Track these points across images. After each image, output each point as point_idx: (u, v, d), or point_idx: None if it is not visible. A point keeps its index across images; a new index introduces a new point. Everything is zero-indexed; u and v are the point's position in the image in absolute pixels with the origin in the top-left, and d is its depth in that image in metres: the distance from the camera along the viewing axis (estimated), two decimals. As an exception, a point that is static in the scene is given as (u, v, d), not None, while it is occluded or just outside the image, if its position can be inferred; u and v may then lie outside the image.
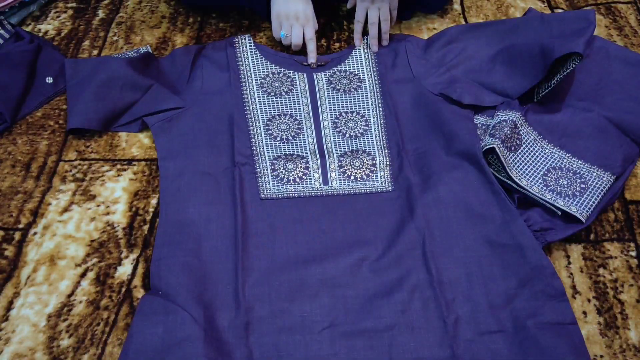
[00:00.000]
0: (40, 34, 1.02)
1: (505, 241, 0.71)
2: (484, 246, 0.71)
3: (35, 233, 0.77)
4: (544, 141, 0.80)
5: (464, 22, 1.02)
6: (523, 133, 0.79)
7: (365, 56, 0.93)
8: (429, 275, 0.69)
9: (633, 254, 0.74)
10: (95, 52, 0.99)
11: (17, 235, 0.77)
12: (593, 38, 0.90)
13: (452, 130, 0.81)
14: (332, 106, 0.88)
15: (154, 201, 0.80)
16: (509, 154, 0.77)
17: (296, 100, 0.88)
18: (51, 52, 0.96)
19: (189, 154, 0.81)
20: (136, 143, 0.86)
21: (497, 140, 0.76)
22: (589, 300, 0.70)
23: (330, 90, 0.89)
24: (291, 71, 0.91)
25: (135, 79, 0.87)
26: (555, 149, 0.79)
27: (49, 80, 0.93)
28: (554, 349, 0.62)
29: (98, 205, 0.79)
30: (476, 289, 0.68)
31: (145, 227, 0.77)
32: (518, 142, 0.78)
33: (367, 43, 0.94)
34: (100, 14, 1.07)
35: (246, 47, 0.93)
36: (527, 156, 0.78)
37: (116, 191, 0.81)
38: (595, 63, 0.88)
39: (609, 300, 0.70)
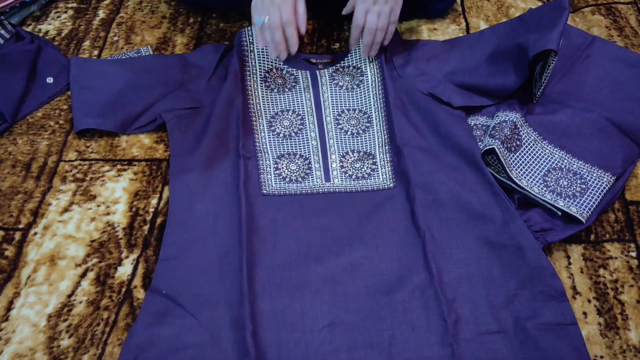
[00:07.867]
0: (41, 34, 1.02)
1: (505, 242, 0.71)
2: (484, 247, 0.71)
3: (35, 233, 0.77)
4: (544, 142, 0.80)
5: (464, 22, 1.02)
6: (523, 134, 0.79)
7: None
8: (429, 274, 0.69)
9: (633, 254, 0.74)
10: (95, 52, 0.99)
11: (17, 235, 0.77)
12: (569, 26, 0.89)
13: (450, 131, 0.81)
14: (334, 103, 0.88)
15: (154, 201, 0.80)
16: (509, 155, 0.77)
17: (299, 97, 0.88)
18: (52, 52, 0.96)
19: (198, 151, 0.81)
20: (136, 143, 0.86)
21: (497, 140, 0.76)
22: (589, 301, 0.70)
23: (333, 86, 0.89)
24: (294, 68, 0.91)
25: (150, 83, 0.88)
26: (555, 149, 0.79)
27: (50, 80, 0.93)
28: (555, 350, 0.62)
29: (98, 206, 0.79)
30: (476, 290, 0.68)
31: (146, 228, 0.77)
32: (518, 142, 0.78)
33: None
34: (101, 14, 1.07)
35: (252, 42, 0.93)
36: (527, 157, 0.78)
37: (116, 191, 0.81)
38: (595, 64, 0.88)
39: (609, 301, 0.70)
